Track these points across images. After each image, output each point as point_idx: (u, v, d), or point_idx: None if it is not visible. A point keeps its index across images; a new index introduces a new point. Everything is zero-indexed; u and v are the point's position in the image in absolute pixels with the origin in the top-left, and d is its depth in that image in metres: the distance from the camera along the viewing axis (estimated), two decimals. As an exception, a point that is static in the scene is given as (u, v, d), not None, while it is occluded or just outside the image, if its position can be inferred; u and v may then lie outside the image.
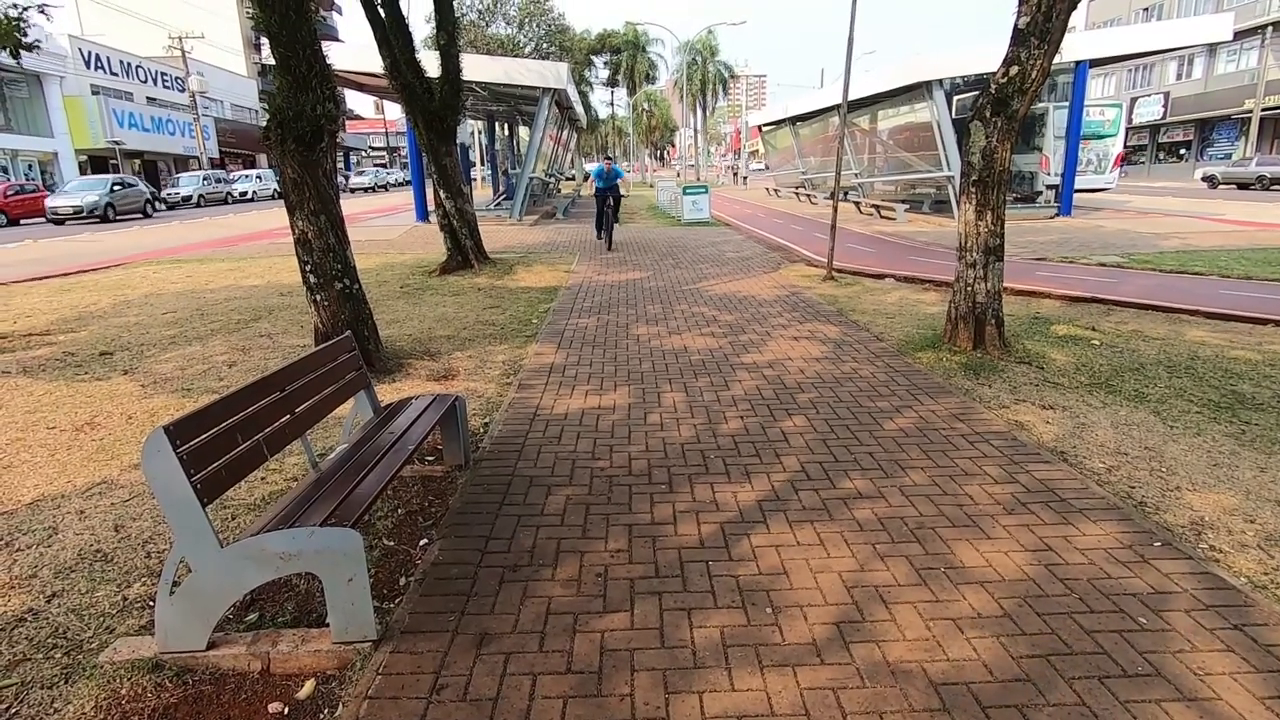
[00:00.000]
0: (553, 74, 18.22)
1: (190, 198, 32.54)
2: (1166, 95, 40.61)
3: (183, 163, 41.75)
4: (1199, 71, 39.25)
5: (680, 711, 2.05)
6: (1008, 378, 5.13)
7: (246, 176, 38.54)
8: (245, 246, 15.24)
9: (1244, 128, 35.63)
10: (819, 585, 2.64)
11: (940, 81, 17.42)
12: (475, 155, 39.04)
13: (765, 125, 36.62)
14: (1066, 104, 17.69)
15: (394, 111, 55.84)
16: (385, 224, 20.00)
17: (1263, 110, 33.98)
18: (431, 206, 14.98)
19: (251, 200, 36.90)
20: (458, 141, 11.07)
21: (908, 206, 18.59)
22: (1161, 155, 43.38)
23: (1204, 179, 31.25)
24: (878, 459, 3.78)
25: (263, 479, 3.68)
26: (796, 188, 29.52)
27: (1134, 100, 42.20)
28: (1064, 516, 3.12)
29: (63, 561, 2.92)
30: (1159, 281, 8.78)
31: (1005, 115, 5.37)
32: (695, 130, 59.34)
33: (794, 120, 29.88)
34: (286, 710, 2.14)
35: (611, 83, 54.65)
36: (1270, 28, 34.02)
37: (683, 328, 7.02)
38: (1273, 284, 8.42)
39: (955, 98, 20.74)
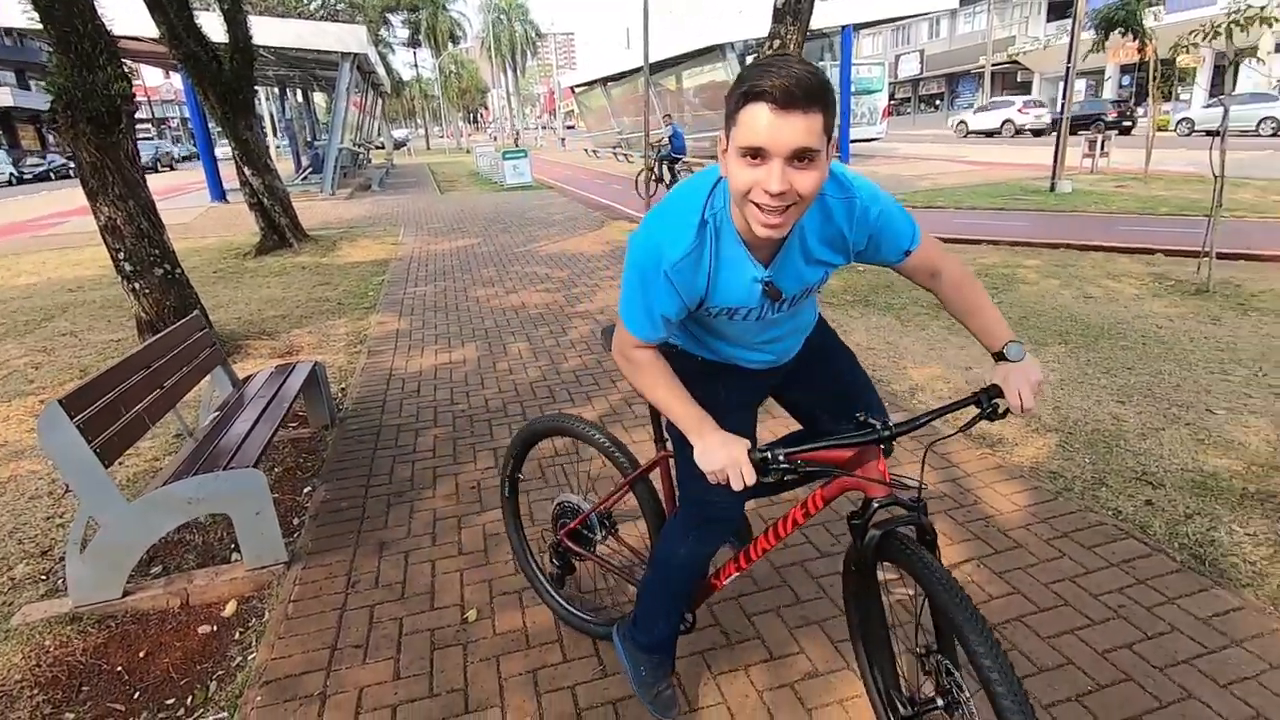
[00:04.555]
0: (352, 37, 17.30)
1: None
2: (922, 53, 46.39)
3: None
4: (945, 32, 45.22)
5: (552, 562, 2.69)
6: (793, 302, 6.24)
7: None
8: (2, 242, 13.16)
9: (981, 81, 41.83)
10: (650, 467, 3.39)
11: (732, 44, 18.89)
12: (268, 125, 35.48)
13: (578, 86, 36.95)
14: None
15: (154, 77, 48.79)
16: (175, 206, 18.00)
17: (992, 65, 40.07)
18: (230, 185, 13.85)
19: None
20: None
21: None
22: (922, 106, 49.66)
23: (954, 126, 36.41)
24: (693, 374, 4.62)
25: (122, 464, 3.74)
26: (614, 148, 30.36)
27: (897, 58, 47.73)
28: (826, 396, 4.14)
29: (-76, 562, 2.92)
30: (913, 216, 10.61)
31: (773, 82, 6.36)
32: (508, 92, 58.11)
33: (605, 81, 30.55)
34: (216, 629, 2.50)
35: (413, 43, 51.71)
36: (993, -6, 39.89)
37: (519, 286, 7.50)
38: (987, 211, 10.57)
39: (748, 58, 22.53)
